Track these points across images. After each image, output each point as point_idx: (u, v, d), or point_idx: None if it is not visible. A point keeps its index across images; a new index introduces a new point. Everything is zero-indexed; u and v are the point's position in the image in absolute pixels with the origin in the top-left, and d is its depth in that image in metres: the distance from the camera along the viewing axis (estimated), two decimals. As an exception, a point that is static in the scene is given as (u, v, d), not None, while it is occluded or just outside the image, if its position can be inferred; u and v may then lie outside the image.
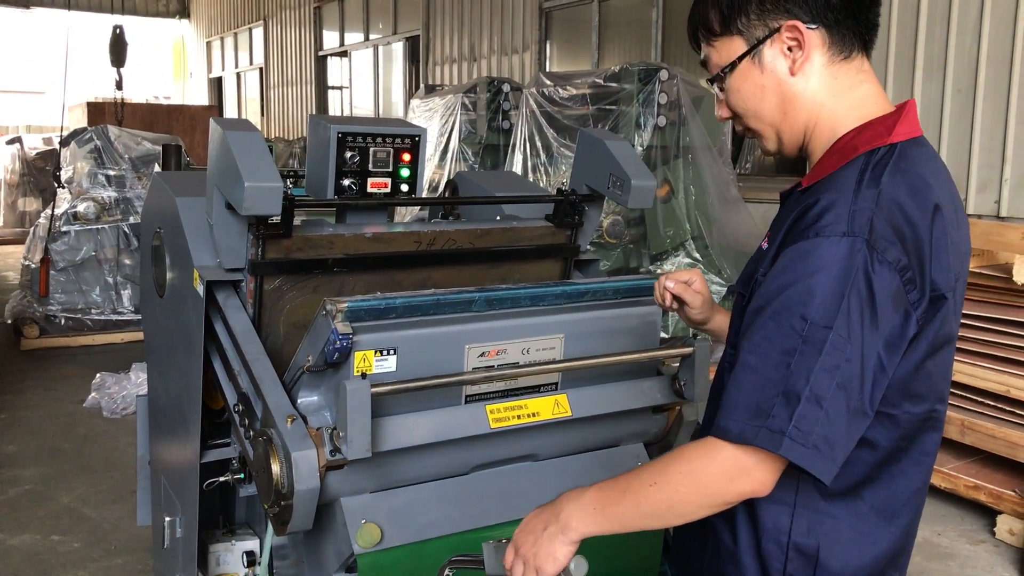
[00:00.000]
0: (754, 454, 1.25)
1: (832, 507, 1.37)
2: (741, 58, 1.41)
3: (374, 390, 1.73)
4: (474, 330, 1.93)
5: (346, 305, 1.74)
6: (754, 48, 1.40)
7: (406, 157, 2.37)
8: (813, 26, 1.37)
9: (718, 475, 1.27)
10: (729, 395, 1.28)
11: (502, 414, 1.97)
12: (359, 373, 1.78)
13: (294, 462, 1.74)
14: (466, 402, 1.96)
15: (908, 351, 1.29)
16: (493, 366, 1.95)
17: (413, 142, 2.38)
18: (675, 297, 1.78)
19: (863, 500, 1.37)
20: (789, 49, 1.38)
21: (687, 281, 1.77)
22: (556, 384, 2.06)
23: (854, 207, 1.26)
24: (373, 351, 1.80)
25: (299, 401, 1.89)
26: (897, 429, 1.34)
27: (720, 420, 1.28)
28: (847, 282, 1.22)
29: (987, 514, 4.14)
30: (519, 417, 1.99)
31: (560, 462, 2.16)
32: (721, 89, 1.47)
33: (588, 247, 2.61)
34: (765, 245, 1.41)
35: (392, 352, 1.82)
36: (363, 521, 1.88)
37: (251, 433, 1.94)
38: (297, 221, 2.14)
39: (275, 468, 1.78)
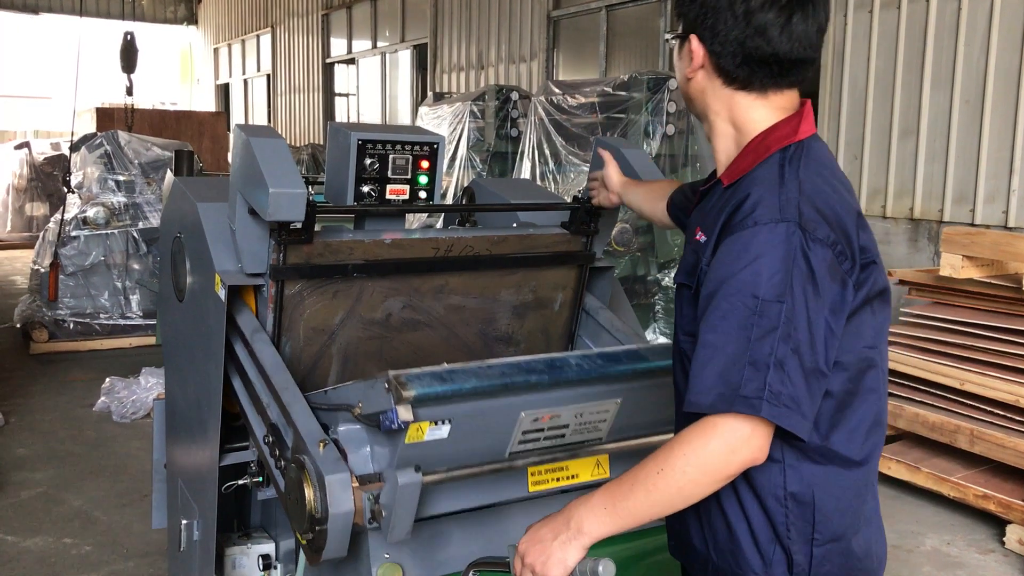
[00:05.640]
0: (747, 424, 1.35)
1: (815, 454, 1.47)
2: (673, 36, 1.62)
3: (425, 479, 1.73)
4: (531, 399, 1.86)
5: (413, 393, 1.65)
6: (677, 36, 1.60)
7: (424, 164, 2.39)
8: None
9: (719, 449, 1.36)
10: (696, 374, 1.39)
11: (542, 476, 1.96)
12: (410, 441, 1.72)
13: (328, 485, 1.72)
14: (509, 457, 1.91)
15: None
16: (543, 429, 1.90)
17: (431, 150, 2.40)
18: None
19: (831, 444, 1.48)
20: (690, 58, 1.56)
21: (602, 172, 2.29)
22: (601, 438, 2.01)
23: (782, 197, 1.42)
24: (428, 422, 1.74)
25: (340, 428, 1.87)
26: (844, 372, 1.46)
27: (691, 396, 1.38)
28: (788, 261, 1.36)
29: (996, 524, 4.15)
30: (558, 480, 1.98)
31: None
32: None
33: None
34: (702, 237, 1.53)
35: (446, 422, 1.76)
36: (386, 556, 1.88)
37: (282, 463, 1.93)
38: (317, 227, 2.16)
39: (308, 493, 1.76)
